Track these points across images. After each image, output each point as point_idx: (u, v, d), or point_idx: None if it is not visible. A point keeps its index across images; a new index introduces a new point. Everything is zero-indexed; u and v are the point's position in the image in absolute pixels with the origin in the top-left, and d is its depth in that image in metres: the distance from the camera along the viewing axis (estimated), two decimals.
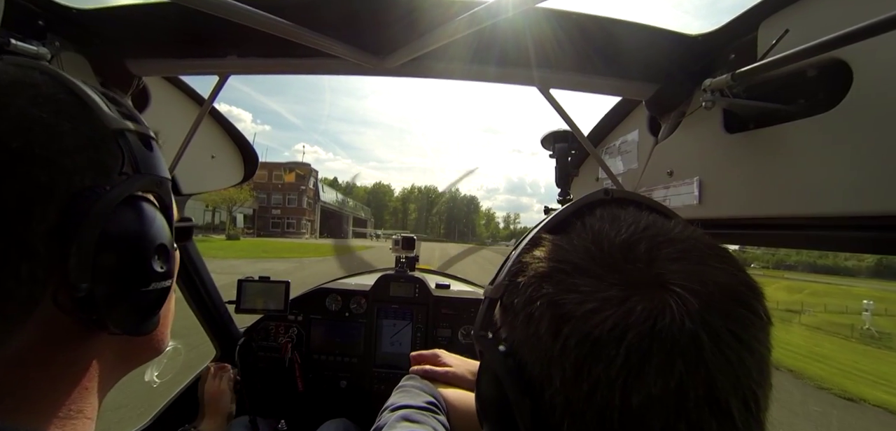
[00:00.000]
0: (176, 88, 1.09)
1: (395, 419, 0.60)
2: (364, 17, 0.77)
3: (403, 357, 1.57)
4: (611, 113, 1.16)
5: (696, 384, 0.25)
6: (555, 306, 0.29)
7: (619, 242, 0.31)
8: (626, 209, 0.35)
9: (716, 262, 0.29)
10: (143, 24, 0.82)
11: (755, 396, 0.27)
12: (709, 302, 0.27)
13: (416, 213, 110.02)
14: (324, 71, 0.92)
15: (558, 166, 1.18)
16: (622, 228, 0.32)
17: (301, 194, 51.01)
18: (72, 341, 0.33)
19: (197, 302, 1.41)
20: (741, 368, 0.26)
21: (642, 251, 0.30)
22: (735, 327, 0.27)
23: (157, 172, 0.37)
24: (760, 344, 0.28)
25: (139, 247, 0.34)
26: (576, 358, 0.27)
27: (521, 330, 0.33)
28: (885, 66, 0.51)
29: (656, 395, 0.25)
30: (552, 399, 0.29)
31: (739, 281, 0.29)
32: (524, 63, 0.86)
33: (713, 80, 0.69)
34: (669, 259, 0.29)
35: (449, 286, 1.69)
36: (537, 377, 0.30)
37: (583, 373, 0.27)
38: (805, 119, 0.61)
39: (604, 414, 0.26)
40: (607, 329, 0.26)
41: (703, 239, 0.32)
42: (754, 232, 0.78)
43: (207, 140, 1.25)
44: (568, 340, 0.28)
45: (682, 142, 0.88)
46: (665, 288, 0.27)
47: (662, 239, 0.31)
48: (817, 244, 0.67)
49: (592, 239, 0.32)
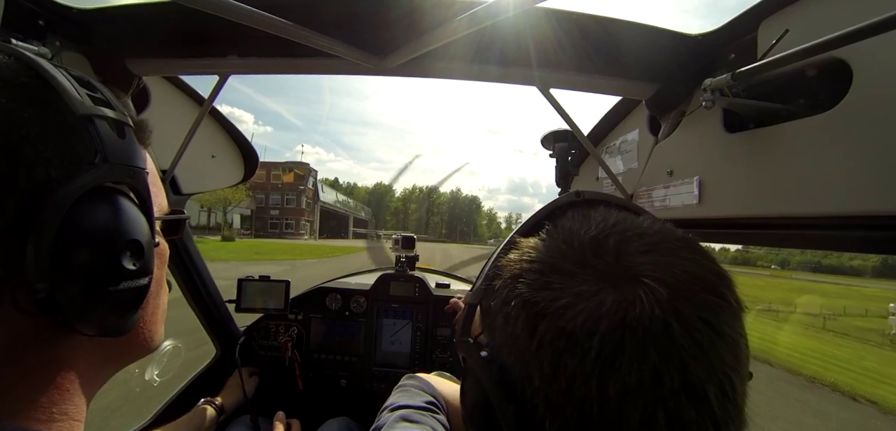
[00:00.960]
0: (176, 88, 1.09)
1: (394, 419, 0.60)
2: (364, 16, 0.77)
3: (403, 356, 1.57)
4: (611, 112, 1.16)
5: (671, 371, 0.26)
6: (530, 305, 0.30)
7: (589, 239, 0.32)
8: (596, 208, 0.36)
9: (685, 253, 0.30)
10: (144, 24, 0.82)
11: (731, 381, 0.27)
12: (678, 290, 0.27)
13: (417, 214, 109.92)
14: (324, 71, 0.92)
15: (558, 166, 1.18)
16: (592, 226, 0.33)
17: (300, 194, 50.48)
18: (44, 342, 0.31)
19: (197, 301, 1.41)
20: (714, 354, 0.27)
21: (611, 245, 0.31)
22: (705, 314, 0.27)
23: (132, 161, 0.34)
24: (732, 330, 0.28)
25: (106, 243, 0.31)
26: (552, 353, 0.28)
27: (499, 333, 0.33)
28: (885, 65, 0.52)
29: (632, 385, 0.26)
30: (533, 398, 0.29)
31: (708, 269, 0.30)
32: (524, 62, 0.86)
33: (713, 80, 0.69)
34: (638, 252, 0.30)
35: (449, 285, 1.69)
36: (518, 378, 0.31)
37: (560, 368, 0.27)
38: (805, 119, 0.61)
39: (583, 408, 0.27)
40: (580, 322, 0.27)
41: (673, 233, 0.32)
42: (754, 231, 0.78)
43: (208, 140, 1.25)
44: (544, 337, 0.28)
45: (682, 142, 0.88)
46: (635, 280, 0.28)
47: (631, 234, 0.31)
48: (817, 243, 0.67)
49: (563, 238, 0.33)
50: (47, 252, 0.28)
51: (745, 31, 0.70)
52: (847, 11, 0.55)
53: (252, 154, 1.41)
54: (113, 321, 0.33)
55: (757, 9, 0.67)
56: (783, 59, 0.56)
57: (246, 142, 1.37)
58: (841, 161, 0.57)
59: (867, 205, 0.54)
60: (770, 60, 0.59)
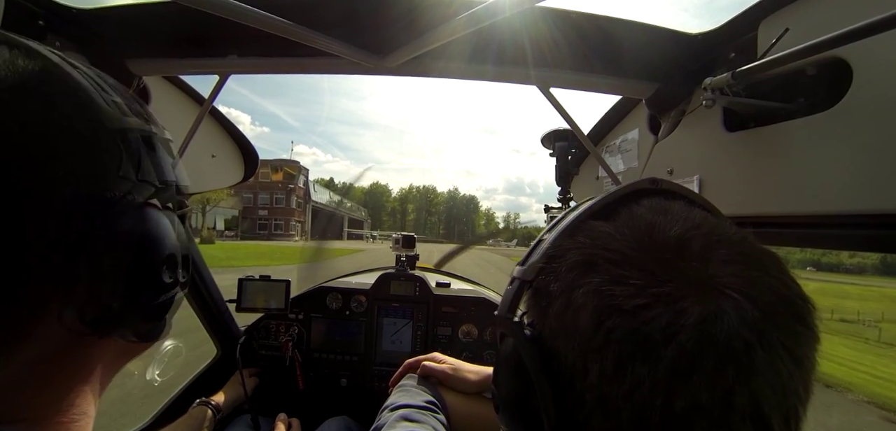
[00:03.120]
0: (176, 88, 1.09)
1: (395, 419, 0.60)
2: (364, 16, 0.77)
3: (404, 355, 1.57)
4: (611, 111, 1.16)
5: (743, 395, 0.24)
6: (601, 296, 0.27)
7: (673, 237, 0.29)
8: (676, 202, 0.33)
9: (774, 271, 0.28)
10: (144, 24, 0.82)
11: (797, 413, 0.26)
12: (766, 311, 0.25)
13: (415, 214, 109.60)
14: (324, 70, 0.92)
15: (558, 165, 1.18)
16: (675, 222, 0.30)
17: (289, 193, 48.29)
18: (77, 350, 0.32)
19: (197, 301, 1.41)
20: (790, 384, 0.25)
21: (696, 249, 0.28)
22: (789, 341, 0.26)
23: (165, 176, 0.34)
24: (809, 360, 0.27)
25: (149, 260, 0.31)
26: (619, 352, 0.26)
27: (555, 318, 0.30)
28: (885, 65, 0.52)
29: (702, 403, 0.24)
30: (584, 393, 0.28)
31: (795, 293, 0.28)
32: (524, 62, 0.86)
33: (713, 79, 0.69)
34: (724, 261, 0.27)
35: (449, 284, 1.69)
36: (569, 368, 0.29)
37: (625, 370, 0.25)
38: (805, 117, 0.61)
39: (642, 415, 0.25)
40: (658, 327, 0.25)
41: (757, 245, 0.30)
42: (754, 230, 0.77)
43: (208, 139, 1.25)
44: (612, 333, 0.26)
45: (683, 141, 0.88)
46: (721, 292, 0.26)
47: (716, 239, 0.29)
48: (817, 242, 0.67)
49: (645, 230, 0.30)
50: (97, 273, 0.28)
51: (745, 30, 0.70)
52: (847, 11, 0.55)
53: (252, 154, 1.41)
54: (149, 328, 0.34)
55: (757, 8, 0.67)
56: (783, 58, 0.56)
57: (246, 141, 1.37)
58: (841, 160, 0.57)
59: (867, 203, 0.54)
60: (770, 59, 0.59)
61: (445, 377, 0.77)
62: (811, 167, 0.61)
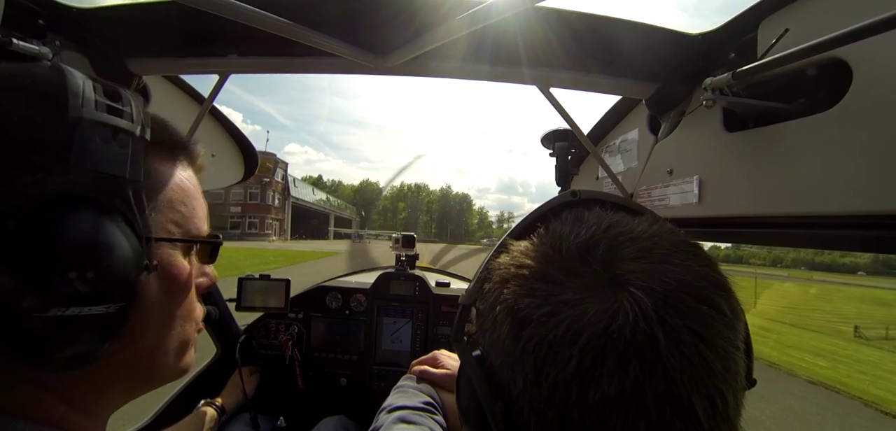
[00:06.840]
0: (176, 87, 1.09)
1: (392, 420, 0.60)
2: (364, 15, 0.77)
3: (403, 354, 1.58)
4: (611, 112, 1.16)
5: (654, 383, 0.25)
6: (514, 311, 0.30)
7: (577, 244, 0.31)
8: (592, 210, 0.35)
9: (679, 259, 0.29)
10: (144, 24, 0.82)
11: (722, 394, 0.27)
12: (666, 300, 0.26)
13: (406, 212, 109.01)
14: (323, 70, 0.92)
15: (558, 165, 1.18)
16: (583, 230, 0.32)
17: (265, 188, 42.29)
18: (20, 376, 0.29)
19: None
20: (704, 367, 0.26)
21: (600, 252, 0.30)
22: (695, 324, 0.26)
23: (116, 170, 0.30)
24: (725, 341, 0.28)
25: (49, 260, 0.26)
26: (535, 360, 0.28)
27: (488, 335, 0.33)
28: (885, 65, 0.51)
29: (612, 395, 0.25)
30: (518, 400, 0.30)
31: (702, 276, 0.29)
32: (524, 62, 0.86)
33: (713, 79, 0.69)
34: (628, 258, 0.29)
35: (449, 284, 1.69)
36: (505, 380, 0.31)
37: (542, 375, 0.28)
38: (805, 118, 0.61)
39: (564, 414, 0.27)
40: (562, 332, 0.27)
41: (670, 236, 0.31)
42: (754, 230, 0.78)
43: (208, 139, 1.25)
44: (527, 344, 0.28)
45: (682, 141, 0.88)
46: (622, 289, 0.27)
47: (624, 239, 0.30)
48: (817, 243, 0.67)
49: (552, 243, 0.33)
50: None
51: (746, 30, 0.70)
52: (847, 11, 0.55)
53: (252, 153, 1.41)
54: (67, 351, 0.28)
55: (757, 8, 0.67)
56: (783, 58, 0.56)
57: (246, 140, 1.37)
58: (841, 160, 0.57)
59: (867, 203, 0.54)
60: (770, 60, 0.59)
61: (440, 380, 0.77)
62: (811, 167, 0.61)
